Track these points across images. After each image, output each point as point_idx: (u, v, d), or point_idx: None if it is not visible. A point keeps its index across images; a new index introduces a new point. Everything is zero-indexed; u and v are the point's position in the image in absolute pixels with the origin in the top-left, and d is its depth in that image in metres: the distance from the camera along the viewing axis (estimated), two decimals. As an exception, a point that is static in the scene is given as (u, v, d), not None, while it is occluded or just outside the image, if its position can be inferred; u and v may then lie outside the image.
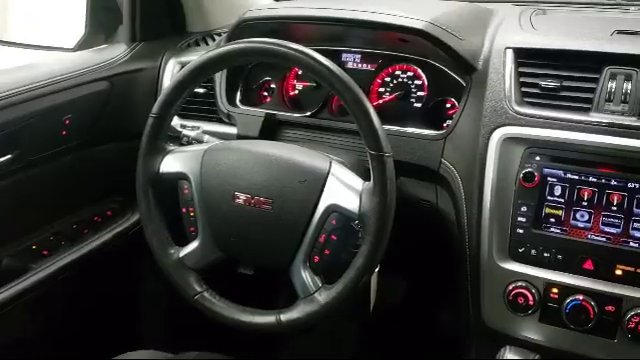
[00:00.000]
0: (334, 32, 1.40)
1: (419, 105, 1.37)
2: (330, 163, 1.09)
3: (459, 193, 1.20)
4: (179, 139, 1.38)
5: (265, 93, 1.54)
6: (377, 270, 1.25)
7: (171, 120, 1.18)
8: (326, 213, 1.07)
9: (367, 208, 1.03)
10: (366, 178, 1.06)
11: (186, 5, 1.73)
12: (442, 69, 1.32)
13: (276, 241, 1.11)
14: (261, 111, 1.44)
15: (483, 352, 1.22)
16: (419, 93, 1.37)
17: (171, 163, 1.18)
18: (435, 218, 1.29)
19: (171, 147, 1.20)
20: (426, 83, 1.36)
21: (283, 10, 1.40)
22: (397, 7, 1.28)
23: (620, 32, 1.18)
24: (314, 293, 1.08)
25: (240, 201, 1.10)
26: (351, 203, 1.05)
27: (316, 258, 1.08)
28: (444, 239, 1.29)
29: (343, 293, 1.05)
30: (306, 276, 1.09)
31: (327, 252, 1.08)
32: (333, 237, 1.07)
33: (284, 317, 1.09)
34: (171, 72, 1.59)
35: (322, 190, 1.07)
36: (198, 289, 1.16)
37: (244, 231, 1.12)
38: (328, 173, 1.08)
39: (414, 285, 1.84)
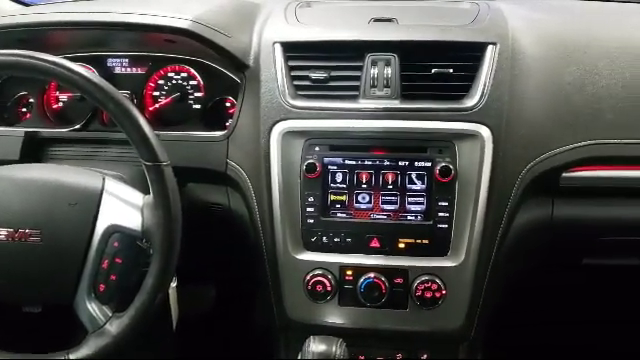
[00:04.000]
0: (95, 37, 1.29)
1: (198, 106, 1.33)
2: (103, 179, 1.00)
3: (249, 192, 1.19)
4: None
5: (24, 109, 1.38)
6: (175, 285, 1.19)
7: None
8: (106, 235, 0.98)
9: (151, 223, 0.96)
10: (148, 191, 0.99)
11: None
12: (216, 68, 1.29)
13: (53, 275, 0.99)
14: (19, 130, 1.28)
15: (291, 346, 1.23)
16: (196, 94, 1.33)
17: None
18: (230, 221, 1.27)
19: None
20: (202, 83, 1.32)
21: (32, 16, 1.25)
22: (160, 7, 1.22)
23: (376, 20, 1.25)
24: (104, 325, 0.99)
25: (2, 237, 0.96)
26: (132, 220, 0.97)
27: (102, 287, 0.99)
28: (242, 240, 1.27)
29: (136, 319, 0.97)
30: (93, 308, 0.99)
31: (113, 278, 0.99)
32: (118, 260, 0.99)
33: (73, 356, 0.99)
34: None
35: (98, 211, 0.98)
36: None
37: (12, 270, 0.98)
38: (102, 191, 0.99)
39: (223, 290, 1.80)
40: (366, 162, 1.13)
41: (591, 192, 1.17)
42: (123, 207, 0.98)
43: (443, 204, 1.11)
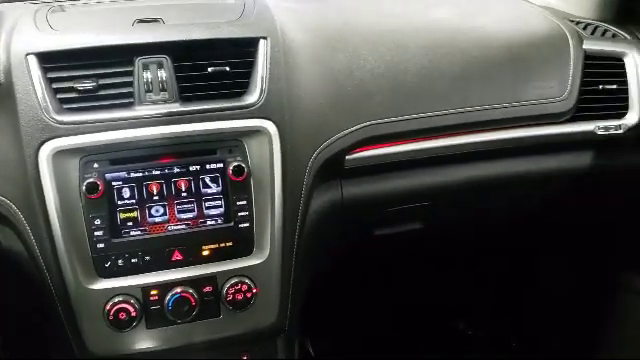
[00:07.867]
0: None
1: None
2: None
3: (22, 226, 1.05)
4: None
5: None
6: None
7: None
8: None
9: None
10: None
11: None
12: None
13: None
14: None
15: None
16: None
17: None
18: (5, 261, 1.10)
19: None
20: None
21: None
22: None
23: (141, 21, 1.17)
24: None
25: None
26: None
27: None
28: (25, 279, 1.12)
29: None
30: None
31: None
32: None
33: None
34: None
35: None
36: None
37: None
38: None
39: (11, 336, 1.58)
40: (154, 172, 1.06)
41: (373, 169, 1.26)
42: None
43: (241, 203, 1.09)
